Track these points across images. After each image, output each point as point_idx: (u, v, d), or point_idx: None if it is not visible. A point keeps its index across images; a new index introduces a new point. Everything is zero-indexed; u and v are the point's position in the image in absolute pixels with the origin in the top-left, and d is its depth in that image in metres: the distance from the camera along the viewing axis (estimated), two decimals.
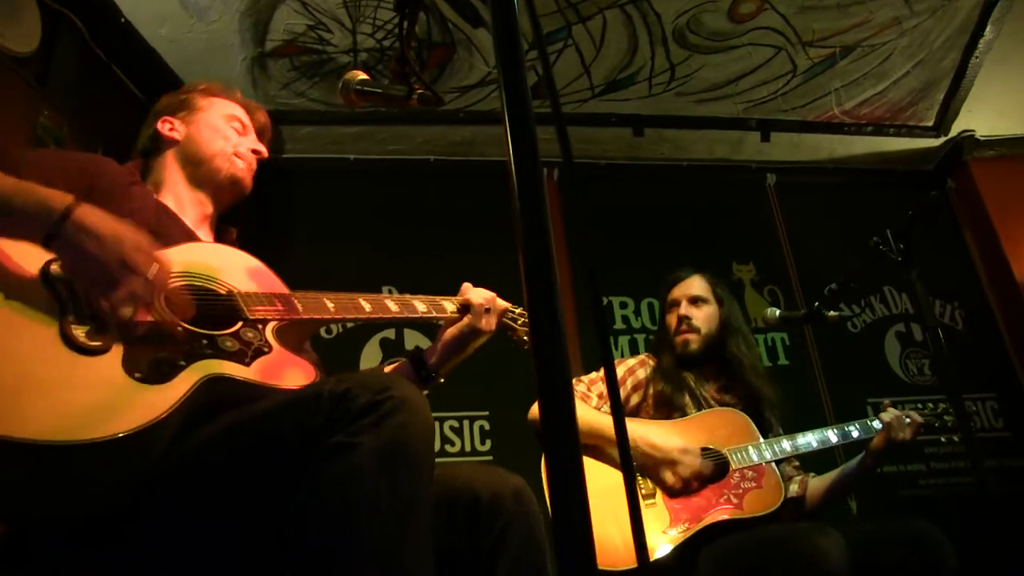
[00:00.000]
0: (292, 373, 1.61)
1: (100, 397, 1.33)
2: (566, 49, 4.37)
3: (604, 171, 5.28)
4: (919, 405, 3.12)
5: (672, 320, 3.23)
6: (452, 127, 4.82)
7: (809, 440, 2.90)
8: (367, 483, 1.26)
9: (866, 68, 4.74)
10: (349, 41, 4.17)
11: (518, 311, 2.27)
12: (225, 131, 2.14)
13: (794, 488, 2.97)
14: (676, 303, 3.25)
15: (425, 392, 2.00)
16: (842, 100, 4.95)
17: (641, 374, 3.14)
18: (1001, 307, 5.31)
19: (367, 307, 1.94)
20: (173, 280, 1.62)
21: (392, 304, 2.00)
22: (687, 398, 3.04)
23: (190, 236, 1.96)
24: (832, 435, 2.93)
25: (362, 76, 1.71)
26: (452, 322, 2.08)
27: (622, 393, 3.08)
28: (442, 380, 2.10)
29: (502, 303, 2.18)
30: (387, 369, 2.16)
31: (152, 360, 1.43)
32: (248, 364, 1.56)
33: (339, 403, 1.32)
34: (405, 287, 4.59)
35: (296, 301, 1.80)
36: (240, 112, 2.23)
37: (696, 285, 3.28)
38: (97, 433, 1.27)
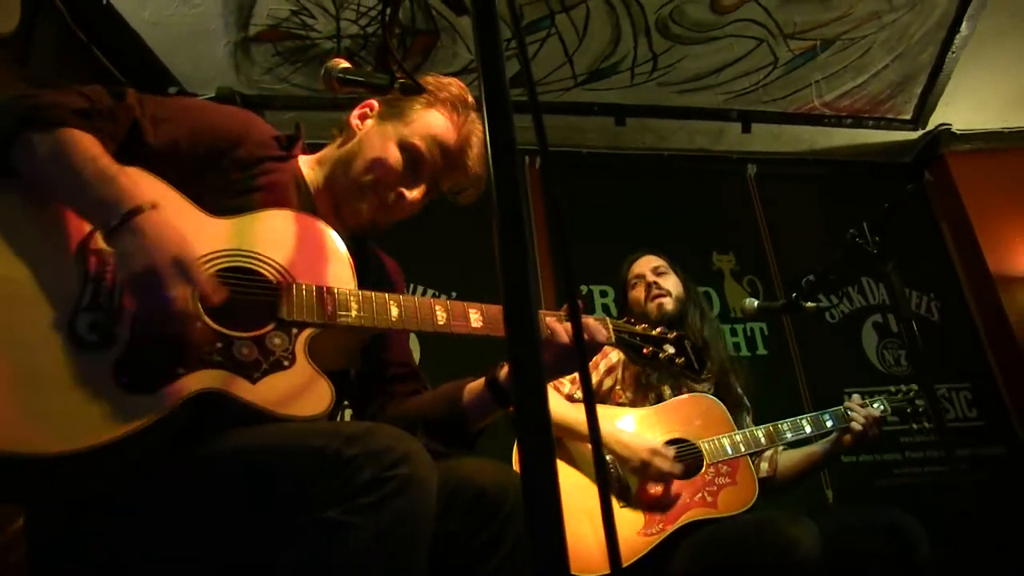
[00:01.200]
0: (301, 399, 1.47)
1: (77, 400, 1.29)
2: (549, 37, 4.37)
3: (586, 160, 5.28)
4: (891, 389, 3.16)
5: (640, 292, 3.26)
6: None
7: (784, 431, 2.93)
8: (360, 569, 1.23)
9: (846, 61, 4.77)
10: (332, 27, 4.16)
11: (638, 328, 2.12)
12: (387, 158, 1.83)
13: (764, 467, 3.00)
14: (640, 276, 3.29)
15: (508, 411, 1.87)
16: (822, 92, 4.98)
17: (614, 357, 3.13)
18: (976, 299, 5.38)
19: (441, 319, 1.71)
20: (215, 257, 1.53)
21: (475, 315, 1.76)
22: (666, 381, 3.03)
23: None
24: (807, 426, 2.96)
25: (344, 64, 1.70)
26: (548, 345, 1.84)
27: (595, 378, 3.07)
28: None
29: (594, 326, 1.96)
30: (467, 389, 1.89)
31: (148, 367, 1.37)
32: (255, 382, 1.44)
33: (341, 472, 1.26)
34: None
35: (352, 301, 1.62)
36: (436, 139, 1.87)
37: (654, 260, 3.33)
38: (54, 447, 1.23)
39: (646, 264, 3.32)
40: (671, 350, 2.12)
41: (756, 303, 3.06)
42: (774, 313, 3.09)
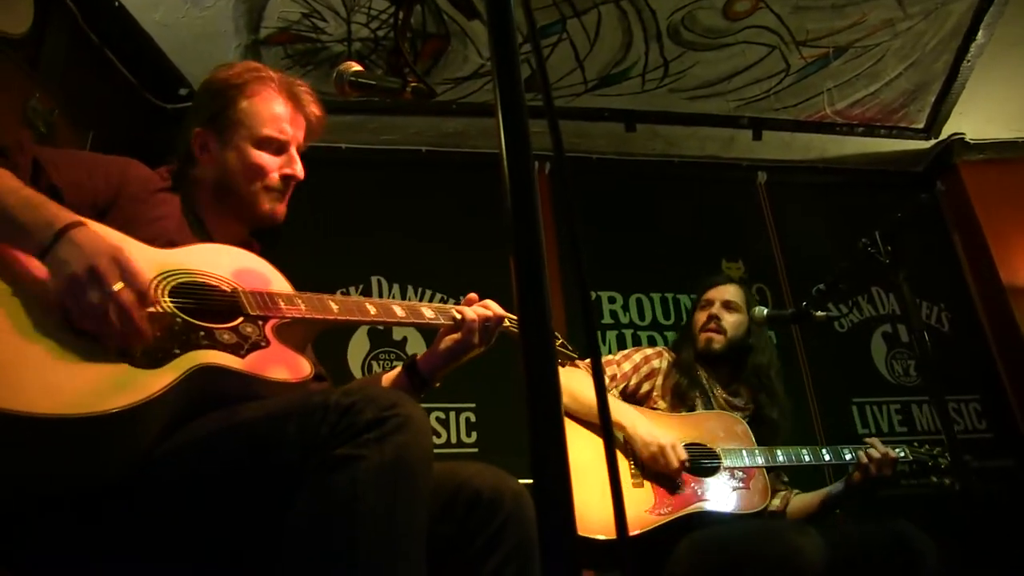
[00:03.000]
0: (287, 367, 1.62)
1: (94, 376, 1.35)
2: (560, 43, 4.36)
3: (595, 166, 5.28)
4: (915, 444, 3.15)
5: (701, 317, 3.27)
6: (445, 118, 4.81)
7: (803, 455, 2.93)
8: (369, 498, 1.28)
9: (859, 69, 4.75)
10: (343, 30, 4.16)
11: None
12: (257, 161, 1.99)
13: (776, 503, 3.01)
14: (710, 303, 3.29)
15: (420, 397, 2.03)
16: (834, 100, 4.97)
17: (656, 364, 3.18)
18: (987, 310, 5.34)
19: (372, 311, 1.93)
20: (164, 282, 1.62)
21: (399, 309, 1.98)
22: (697, 394, 3.09)
23: None
24: (826, 454, 2.97)
25: (356, 67, 1.71)
26: (449, 330, 2.05)
27: (635, 379, 3.13)
28: (437, 385, 2.09)
29: (499, 314, 2.10)
30: (385, 377, 2.13)
31: (147, 347, 1.44)
32: (243, 356, 1.57)
33: (344, 415, 1.33)
34: (394, 277, 4.60)
35: (299, 300, 1.79)
36: (277, 120, 2.04)
37: (732, 292, 3.31)
38: (89, 408, 1.28)
39: (721, 293, 3.31)
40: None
41: (766, 311, 3.06)
42: (784, 321, 3.09)
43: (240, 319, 1.65)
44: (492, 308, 2.08)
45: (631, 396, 3.09)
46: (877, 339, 5.22)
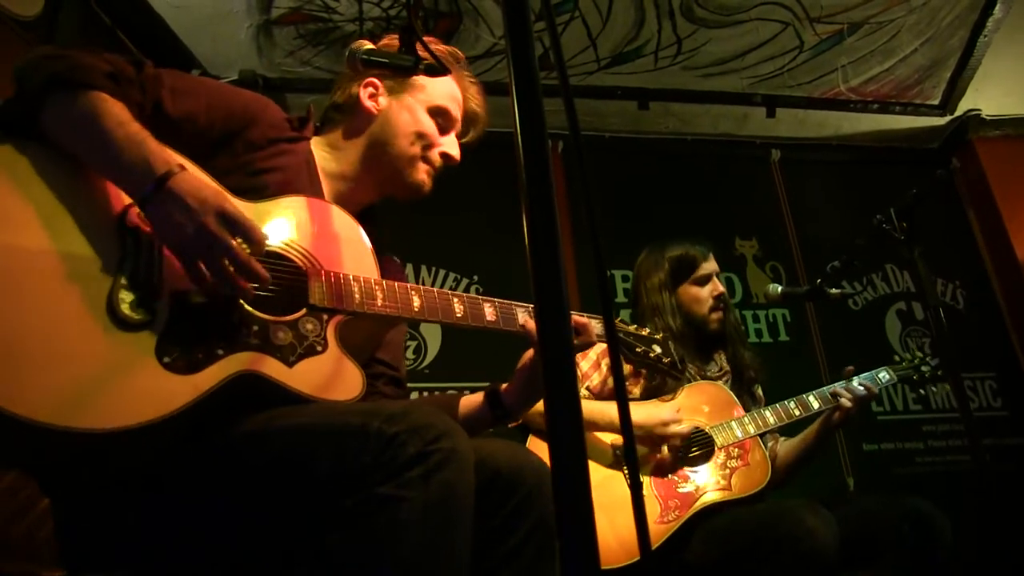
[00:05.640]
0: (336, 385, 1.50)
1: (122, 382, 1.29)
2: (573, 21, 4.34)
3: (608, 144, 5.25)
4: (896, 358, 3.13)
5: (704, 294, 3.10)
6: None
7: (791, 408, 2.91)
8: (414, 540, 1.24)
9: (873, 45, 4.71)
10: (355, 9, 4.15)
11: (644, 331, 2.17)
12: (426, 127, 1.94)
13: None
14: (708, 278, 3.12)
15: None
16: (848, 77, 4.93)
17: None
18: (1003, 287, 5.32)
19: (459, 311, 1.77)
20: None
21: (489, 309, 1.82)
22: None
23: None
24: (815, 401, 2.94)
25: (369, 45, 1.70)
26: (530, 357, 1.91)
27: (597, 376, 2.98)
28: (519, 422, 2.00)
29: (585, 323, 1.99)
30: (464, 401, 1.98)
31: (189, 343, 1.38)
32: (292, 365, 1.47)
33: (387, 448, 1.27)
34: (407, 257, 4.59)
35: (377, 291, 1.67)
36: (454, 99, 2.02)
37: (714, 261, 3.19)
38: (99, 423, 1.23)
39: (713, 265, 3.16)
40: (659, 350, 2.16)
41: (780, 289, 3.04)
42: (798, 299, 3.07)
43: (303, 312, 1.54)
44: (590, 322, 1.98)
45: (600, 394, 2.94)
46: (892, 316, 5.20)
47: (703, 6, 4.35)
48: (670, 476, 2.75)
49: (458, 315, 1.76)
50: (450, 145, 2.00)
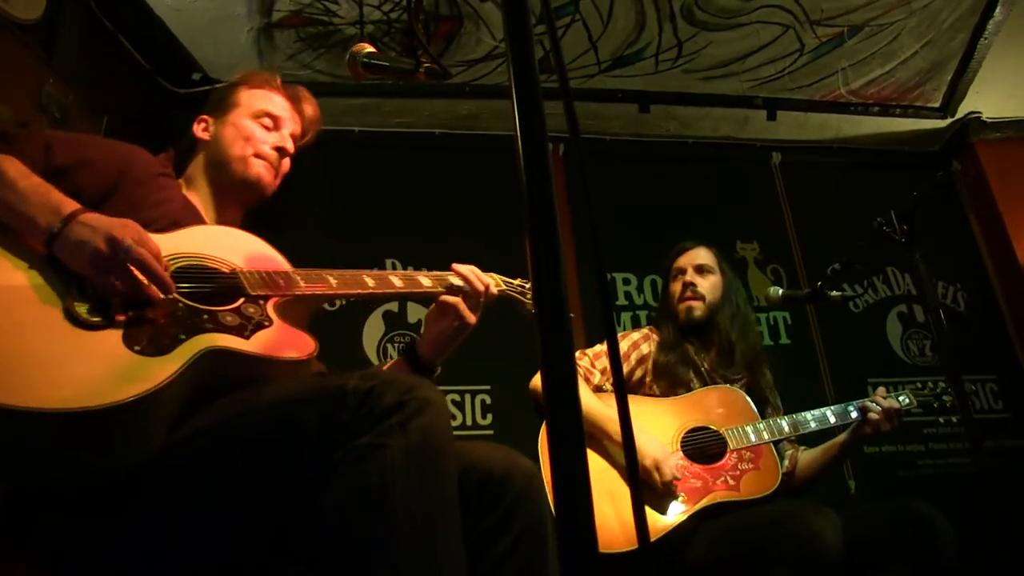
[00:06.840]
0: (293, 345, 1.64)
1: (101, 368, 1.36)
2: (573, 24, 4.34)
3: (609, 147, 5.24)
4: (918, 384, 3.13)
5: (676, 288, 3.25)
6: (458, 100, 4.80)
7: (808, 420, 2.92)
8: (400, 485, 1.28)
9: (874, 48, 4.70)
10: (355, 13, 4.15)
11: (517, 283, 2.24)
12: (249, 130, 2.12)
13: (784, 464, 2.98)
14: (682, 271, 3.26)
15: None
16: (849, 80, 4.92)
17: (645, 348, 3.16)
18: (1003, 289, 5.30)
19: (370, 283, 1.95)
20: (169, 260, 1.65)
21: (396, 280, 2.00)
22: (691, 373, 3.05)
23: None
24: (831, 416, 2.94)
25: (369, 49, 1.70)
26: (441, 308, 2.02)
27: (625, 368, 3.07)
28: (438, 371, 2.08)
29: (492, 281, 2.09)
30: (387, 367, 2.12)
31: (152, 334, 1.47)
32: (248, 337, 1.59)
33: (364, 401, 1.33)
34: (408, 260, 4.60)
35: (298, 277, 1.83)
36: (277, 105, 2.19)
37: (702, 255, 3.29)
38: (98, 401, 1.29)
39: (692, 258, 3.29)
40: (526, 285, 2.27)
41: (781, 291, 3.05)
42: (799, 302, 3.08)
43: (241, 300, 1.68)
44: (478, 272, 2.08)
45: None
46: (893, 319, 5.19)
47: (704, 9, 4.35)
48: (679, 473, 2.75)
49: (371, 286, 1.94)
50: (280, 139, 2.15)
